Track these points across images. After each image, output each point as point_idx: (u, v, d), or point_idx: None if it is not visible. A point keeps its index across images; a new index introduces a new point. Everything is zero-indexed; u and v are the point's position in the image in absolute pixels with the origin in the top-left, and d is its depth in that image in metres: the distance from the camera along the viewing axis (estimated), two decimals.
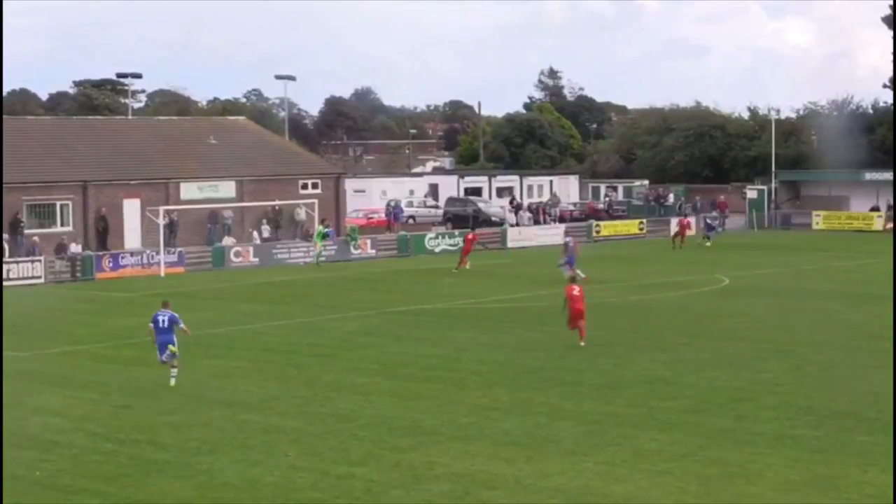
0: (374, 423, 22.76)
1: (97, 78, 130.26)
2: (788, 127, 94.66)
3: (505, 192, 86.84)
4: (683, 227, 66.10)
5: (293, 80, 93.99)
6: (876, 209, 79.16)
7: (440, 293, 44.80)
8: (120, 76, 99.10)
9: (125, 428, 22.69)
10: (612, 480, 18.72)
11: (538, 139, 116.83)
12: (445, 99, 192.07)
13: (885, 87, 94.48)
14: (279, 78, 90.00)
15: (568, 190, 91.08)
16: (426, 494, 18.16)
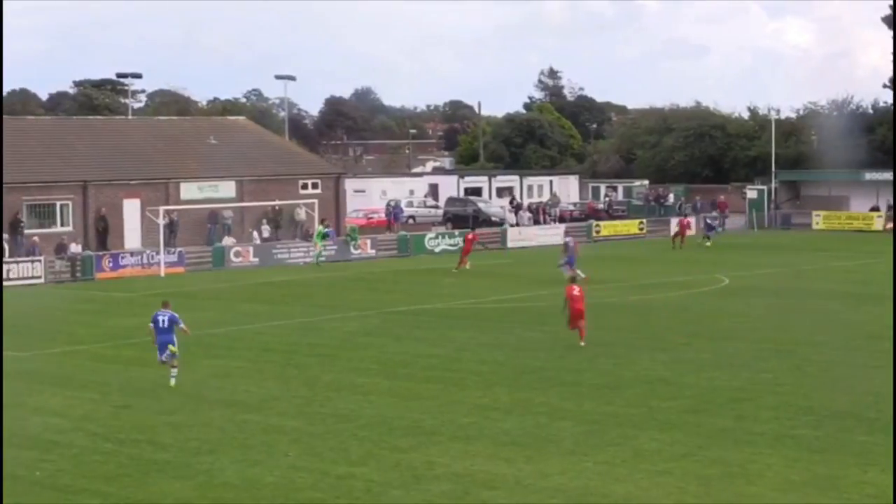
0: (374, 423, 22.76)
1: (97, 78, 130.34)
2: (788, 127, 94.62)
3: (505, 192, 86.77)
4: (683, 227, 66.09)
5: (293, 80, 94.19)
6: (876, 209, 79.13)
7: (440, 293, 44.79)
8: (120, 76, 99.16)
9: (125, 428, 22.69)
10: (612, 480, 18.72)
11: (538, 139, 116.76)
12: (445, 99, 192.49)
13: (885, 87, 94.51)
14: (279, 78, 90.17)
15: (568, 190, 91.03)
16: (426, 494, 18.17)
